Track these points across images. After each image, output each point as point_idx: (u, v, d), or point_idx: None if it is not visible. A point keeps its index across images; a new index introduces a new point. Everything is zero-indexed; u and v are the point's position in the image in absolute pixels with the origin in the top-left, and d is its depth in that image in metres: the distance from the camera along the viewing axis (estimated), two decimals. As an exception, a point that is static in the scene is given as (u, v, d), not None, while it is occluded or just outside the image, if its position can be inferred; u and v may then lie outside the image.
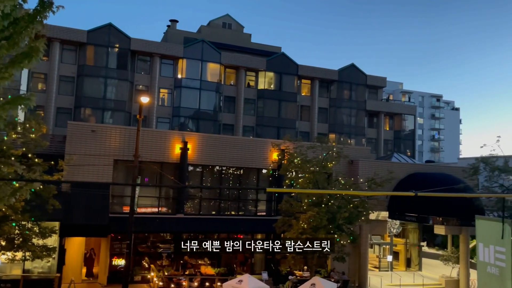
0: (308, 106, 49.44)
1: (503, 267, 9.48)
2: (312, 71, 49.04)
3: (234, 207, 28.33)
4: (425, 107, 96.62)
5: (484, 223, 10.25)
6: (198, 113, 44.13)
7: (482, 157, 25.52)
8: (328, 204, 22.80)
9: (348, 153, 27.41)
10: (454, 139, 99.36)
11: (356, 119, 50.90)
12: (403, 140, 54.30)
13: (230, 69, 46.64)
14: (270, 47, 52.32)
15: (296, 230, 22.43)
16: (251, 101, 47.07)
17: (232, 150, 27.51)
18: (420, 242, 36.17)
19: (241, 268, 27.65)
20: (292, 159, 24.28)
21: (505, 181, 24.86)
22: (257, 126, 46.78)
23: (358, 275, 28.91)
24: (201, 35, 49.06)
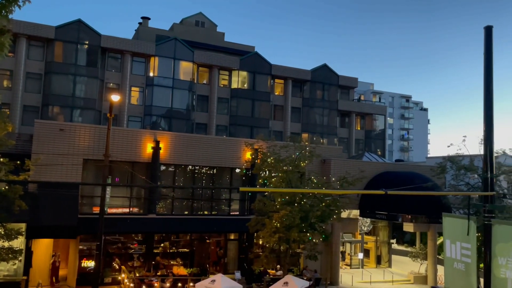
0: (281, 105, 49.72)
1: (468, 263, 9.79)
2: (285, 71, 49.34)
3: (207, 207, 28.17)
4: (395, 107, 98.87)
5: (451, 220, 10.56)
6: (171, 112, 43.63)
7: (449, 156, 26.27)
8: (301, 203, 22.99)
9: (320, 152, 27.71)
10: (422, 139, 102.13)
11: (328, 118, 51.54)
12: (374, 139, 55.36)
13: (203, 67, 46.33)
14: (244, 46, 52.30)
15: (269, 229, 22.52)
16: (224, 100, 46.93)
17: (205, 149, 27.34)
18: (390, 239, 37.01)
19: (214, 268, 27.55)
20: (266, 159, 24.35)
21: (471, 180, 25.68)
22: (231, 126, 46.68)
23: (330, 272, 29.30)
24: (173, 33, 48.51)
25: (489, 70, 10.02)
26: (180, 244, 27.66)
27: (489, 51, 10.01)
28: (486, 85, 10.05)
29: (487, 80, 10.03)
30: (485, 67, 10.06)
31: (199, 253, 27.70)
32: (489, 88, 10.01)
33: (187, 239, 27.84)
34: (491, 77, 10.03)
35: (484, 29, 10.12)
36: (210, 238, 28.41)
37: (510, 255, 8.78)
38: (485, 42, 10.06)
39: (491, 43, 10.03)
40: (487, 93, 10.00)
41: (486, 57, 10.03)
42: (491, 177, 9.70)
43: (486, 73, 10.06)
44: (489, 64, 10.01)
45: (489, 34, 10.05)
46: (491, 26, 10.09)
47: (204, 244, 28.26)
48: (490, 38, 10.03)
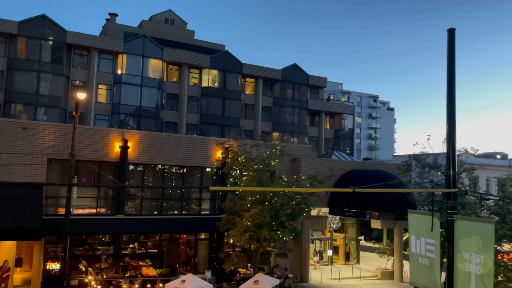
0: (252, 104, 49.79)
1: (432, 258, 10.08)
2: (256, 70, 49.42)
3: (177, 207, 27.85)
4: (363, 107, 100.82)
5: (416, 216, 10.84)
6: (139, 110, 42.88)
7: (414, 154, 27.02)
8: (272, 202, 23.09)
9: (291, 151, 27.92)
10: (389, 138, 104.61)
11: (298, 118, 52.02)
12: (342, 138, 56.30)
13: (172, 65, 45.79)
14: (214, 44, 52.03)
15: (240, 228, 22.51)
16: (194, 99, 46.54)
17: (175, 148, 27.02)
18: (358, 236, 37.75)
19: (184, 268, 27.28)
20: (236, 158, 24.31)
21: (435, 177, 26.53)
22: (201, 124, 46.36)
23: (300, 270, 29.59)
24: (142, 30, 47.69)
25: (451, 71, 10.34)
26: (149, 245, 27.25)
27: (452, 53, 10.32)
28: (448, 86, 10.36)
29: (450, 81, 10.34)
30: (448, 69, 10.37)
31: (168, 253, 27.37)
32: (451, 89, 10.32)
33: (156, 239, 27.44)
34: (454, 78, 10.35)
35: (447, 32, 10.43)
36: (180, 238, 28.12)
37: (473, 250, 9.11)
38: (448, 44, 10.37)
39: (454, 45, 10.34)
40: (450, 94, 10.31)
41: (449, 58, 10.34)
42: (454, 174, 10.00)
43: (448, 74, 10.37)
44: (452, 66, 10.32)
45: (451, 36, 10.36)
46: (453, 28, 10.41)
47: (174, 244, 27.93)
48: (452, 40, 10.34)
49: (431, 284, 10.17)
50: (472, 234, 9.13)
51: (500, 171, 36.23)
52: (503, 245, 18.95)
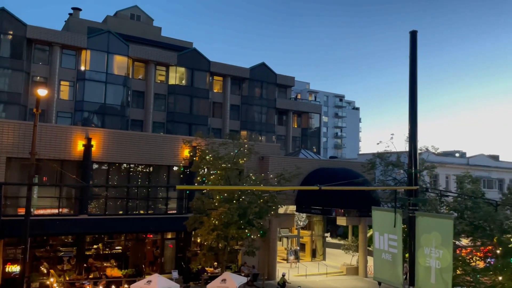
0: (220, 103, 49.60)
1: (395, 253, 10.38)
2: (224, 68, 49.25)
3: (143, 206, 27.40)
4: (329, 106, 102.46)
5: (379, 213, 11.12)
6: (104, 108, 41.84)
7: (378, 153, 27.75)
8: (239, 200, 23.12)
9: (259, 149, 28.03)
10: (354, 137, 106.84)
11: (266, 116, 52.27)
12: (309, 137, 57.03)
13: (138, 62, 44.93)
14: (181, 42, 51.45)
15: (208, 227, 22.41)
16: (161, 97, 45.86)
17: (141, 147, 26.56)
18: (324, 233, 38.38)
19: (150, 268, 26.91)
20: (204, 156, 24.17)
21: (397, 175, 27.35)
22: (168, 122, 45.75)
23: (267, 267, 29.79)
24: (107, 25, 46.52)
25: (413, 72, 10.68)
26: (114, 245, 26.69)
27: (414, 54, 10.67)
28: (411, 86, 10.70)
29: (412, 82, 10.68)
30: (410, 69, 10.71)
31: (134, 253, 26.90)
32: (413, 89, 10.67)
33: (121, 239, 26.92)
34: (416, 79, 10.70)
35: (410, 34, 10.76)
36: (146, 238, 27.69)
37: (433, 245, 9.44)
38: (411, 45, 10.71)
39: (416, 46, 10.69)
40: (412, 94, 10.65)
41: (411, 59, 10.68)
42: (415, 172, 10.34)
43: (411, 75, 10.71)
44: (414, 67, 10.67)
45: (414, 38, 10.70)
46: (415, 30, 10.75)
47: (140, 244, 27.48)
48: (415, 42, 10.69)
49: (393, 278, 10.48)
50: (432, 229, 9.47)
51: (459, 169, 37.73)
52: (461, 240, 19.75)
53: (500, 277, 15.29)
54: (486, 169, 44.26)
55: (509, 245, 15.99)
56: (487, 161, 45.80)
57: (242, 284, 22.41)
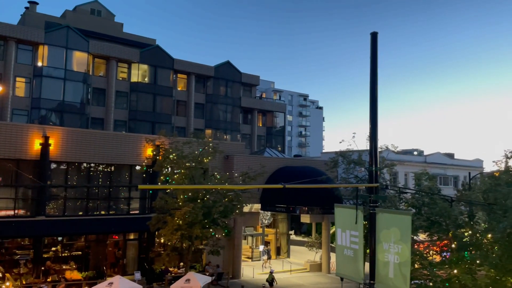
0: (185, 101, 49.03)
1: (356, 249, 10.62)
2: (188, 66, 48.73)
3: (104, 207, 26.71)
4: (294, 105, 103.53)
5: (342, 210, 11.33)
6: (62, 106, 40.41)
7: (341, 151, 28.30)
8: (204, 199, 22.96)
9: (223, 148, 27.93)
10: (318, 135, 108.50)
11: (231, 115, 52.16)
12: (274, 136, 57.41)
13: (99, 59, 43.69)
14: (144, 38, 50.45)
15: (171, 227, 22.13)
16: (123, 94, 44.79)
17: (101, 145, 25.86)
18: (288, 231, 38.79)
19: (112, 270, 26.29)
20: (168, 155, 23.84)
21: (359, 173, 28.01)
22: (130, 121, 44.76)
23: (232, 266, 29.78)
24: (65, 20, 44.92)
25: (374, 72, 10.94)
26: (74, 247, 25.86)
27: (374, 55, 10.93)
28: (371, 87, 10.96)
29: (373, 82, 10.94)
30: (371, 70, 10.96)
31: (95, 255, 26.17)
32: (374, 89, 10.93)
33: (81, 241, 26.12)
34: (376, 79, 10.97)
35: (370, 35, 11.02)
36: (108, 239, 27.01)
37: (391, 241, 9.72)
38: (371, 46, 10.96)
39: (376, 47, 10.96)
40: (373, 94, 10.91)
41: (372, 60, 10.93)
42: (376, 170, 10.60)
43: (371, 75, 10.97)
44: (374, 67, 10.93)
45: (374, 39, 10.96)
46: (376, 32, 11.02)
47: (100, 245, 26.76)
48: (375, 43, 10.95)
49: (355, 274, 10.73)
50: (392, 225, 9.75)
51: (417, 167, 39.11)
52: (419, 235, 20.47)
53: (455, 270, 15.97)
54: (442, 167, 46.12)
55: (463, 239, 16.70)
56: (443, 159, 47.75)
57: (206, 284, 22.32)
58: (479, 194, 18.60)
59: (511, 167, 20.03)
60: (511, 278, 15.26)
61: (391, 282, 9.62)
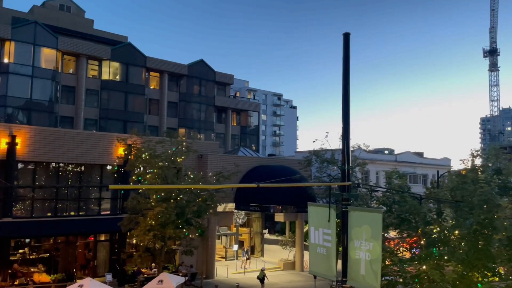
0: (157, 99, 48.35)
1: (329, 247, 10.75)
2: (161, 64, 48.08)
3: (74, 207, 26.05)
4: (268, 104, 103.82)
5: (315, 209, 11.44)
6: (30, 104, 39.14)
7: (314, 150, 28.57)
8: (177, 199, 22.73)
9: (197, 147, 27.71)
10: (292, 135, 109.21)
11: (205, 114, 51.80)
12: (249, 135, 57.37)
13: (69, 56, 42.51)
14: (116, 35, 49.43)
15: (144, 228, 21.81)
16: (94, 92, 43.75)
17: (71, 145, 25.20)
18: (262, 230, 38.88)
19: (82, 272, 25.69)
20: (140, 154, 23.48)
21: (332, 171, 28.36)
22: (101, 119, 43.77)
23: (206, 266, 29.61)
24: (33, 16, 43.52)
25: (346, 73, 11.09)
26: (42, 249, 25.12)
27: (347, 56, 11.07)
28: (344, 86, 11.10)
29: (345, 82, 11.09)
30: (343, 70, 11.10)
31: (64, 257, 25.50)
32: (346, 89, 11.08)
33: (50, 243, 25.39)
34: (348, 80, 11.12)
35: (343, 36, 11.16)
36: (78, 241, 26.36)
37: (363, 238, 9.88)
38: (344, 47, 11.11)
39: (349, 48, 11.10)
40: (345, 94, 11.06)
41: (344, 61, 11.08)
42: (348, 169, 10.75)
43: (344, 76, 11.11)
44: (347, 67, 11.08)
45: (346, 40, 11.11)
46: (348, 33, 11.17)
47: (70, 247, 26.09)
48: (347, 43, 11.10)
49: (327, 271, 10.85)
50: (363, 223, 9.91)
51: (388, 165, 39.93)
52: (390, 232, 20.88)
53: (424, 266, 16.36)
54: (412, 165, 47.24)
55: (432, 236, 17.13)
56: (413, 158, 48.91)
57: (179, 284, 22.12)
58: (447, 192, 19.11)
59: (477, 166, 20.70)
60: (477, 273, 15.75)
61: (363, 279, 9.78)
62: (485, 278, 15.73)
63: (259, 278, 27.43)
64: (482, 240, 15.69)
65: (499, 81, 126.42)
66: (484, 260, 15.46)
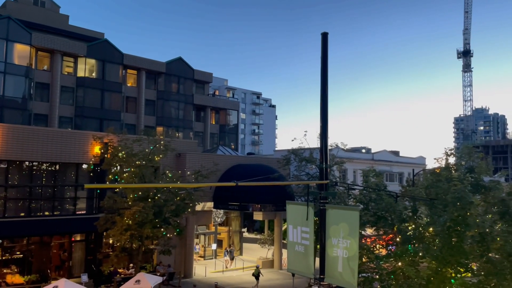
0: (135, 97, 47.67)
1: (307, 245, 10.82)
2: (139, 61, 47.42)
3: (49, 207, 25.46)
4: (247, 103, 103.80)
5: (293, 207, 11.47)
6: (2, 101, 37.99)
7: (293, 149, 28.75)
8: (155, 198, 22.51)
9: (175, 146, 27.48)
10: (271, 133, 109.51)
11: (184, 112, 51.37)
12: (227, 133, 57.21)
13: (43, 52, 41.46)
14: (92, 32, 48.50)
15: (120, 227, 21.51)
16: (69, 89, 42.79)
17: (45, 143, 24.61)
18: (241, 228, 38.88)
19: (57, 273, 25.16)
20: (117, 153, 23.14)
21: (310, 170, 28.59)
22: (77, 117, 42.88)
23: (184, 266, 29.41)
24: (6, 10, 42.25)
25: (325, 73, 11.15)
26: (15, 250, 24.48)
27: (325, 55, 11.13)
28: (322, 86, 11.16)
29: (323, 81, 11.15)
30: (321, 70, 11.16)
31: (38, 258, 24.90)
32: (325, 89, 11.14)
33: (23, 243, 24.75)
34: (327, 79, 11.19)
35: (321, 35, 11.22)
36: (52, 241, 25.79)
37: (340, 236, 9.98)
38: (322, 46, 11.16)
39: (327, 48, 11.17)
40: (323, 93, 11.12)
41: (322, 60, 11.13)
42: (326, 167, 10.83)
43: (322, 75, 11.17)
44: (325, 67, 11.14)
45: (325, 39, 11.16)
46: (326, 32, 11.24)
47: (44, 247, 25.50)
48: (326, 43, 11.15)
49: (305, 269, 10.91)
50: (341, 221, 10.01)
51: (365, 164, 40.50)
52: (366, 230, 21.19)
53: (399, 262, 16.67)
54: (388, 164, 48.05)
55: (407, 233, 17.46)
56: (389, 157, 49.76)
57: (157, 284, 21.91)
58: (422, 189, 19.49)
59: (451, 164, 21.20)
60: (451, 269, 16.14)
61: (340, 276, 9.88)
62: (458, 274, 16.13)
63: (254, 275, 27.89)
64: (455, 237, 16.07)
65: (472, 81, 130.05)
66: (457, 256, 15.84)
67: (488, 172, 23.13)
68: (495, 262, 15.99)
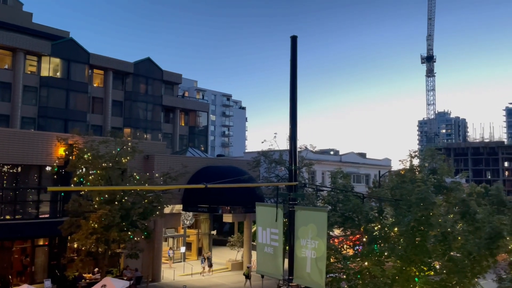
0: (101, 98, 46.56)
1: (276, 246, 10.89)
2: (106, 61, 46.37)
3: (10, 210, 24.50)
4: (217, 105, 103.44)
5: (263, 209, 11.53)
6: (-40, 100, 36.31)
7: (263, 151, 28.85)
8: (122, 201, 22.08)
9: (143, 148, 27.04)
10: (241, 135, 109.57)
11: (152, 113, 50.62)
12: (197, 135, 56.78)
13: (4, 50, 39.90)
14: (57, 30, 47.06)
15: (86, 231, 20.96)
16: (32, 89, 41.33)
17: (6, 144, 23.68)
18: (211, 231, 38.62)
19: (18, 279, 24.25)
20: (82, 155, 22.56)
21: (280, 172, 28.77)
22: (40, 118, 41.47)
23: (152, 269, 28.94)
24: (-36, 5, 40.45)
25: (294, 75, 11.27)
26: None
27: (294, 58, 11.26)
28: (291, 89, 11.28)
29: (292, 84, 11.27)
30: (291, 73, 11.28)
31: (-2, 264, 23.90)
32: (294, 91, 11.26)
33: (-18, 249, 23.70)
34: (296, 82, 11.31)
35: (290, 38, 11.34)
36: (14, 246, 24.80)
37: (309, 237, 10.09)
38: (291, 49, 11.28)
39: (296, 51, 11.30)
40: (292, 96, 11.24)
41: (292, 63, 11.25)
42: (295, 169, 10.94)
43: (291, 78, 11.29)
44: (294, 70, 11.27)
45: (294, 43, 11.29)
46: (295, 36, 11.37)
47: (5, 253, 24.50)
48: (295, 46, 11.28)
49: (274, 270, 10.98)
50: (309, 222, 10.13)
51: (333, 165, 41.11)
52: (334, 230, 21.52)
53: (366, 262, 17.02)
54: (356, 166, 49.02)
55: (373, 233, 17.85)
56: (356, 158, 50.78)
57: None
58: (387, 191, 19.99)
59: (414, 166, 21.85)
60: (415, 268, 16.63)
61: (308, 277, 9.99)
62: (422, 272, 16.63)
63: (245, 274, 28.55)
64: (419, 236, 16.56)
65: (435, 86, 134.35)
66: (420, 255, 16.33)
67: (450, 173, 23.96)
68: (457, 260, 16.59)
